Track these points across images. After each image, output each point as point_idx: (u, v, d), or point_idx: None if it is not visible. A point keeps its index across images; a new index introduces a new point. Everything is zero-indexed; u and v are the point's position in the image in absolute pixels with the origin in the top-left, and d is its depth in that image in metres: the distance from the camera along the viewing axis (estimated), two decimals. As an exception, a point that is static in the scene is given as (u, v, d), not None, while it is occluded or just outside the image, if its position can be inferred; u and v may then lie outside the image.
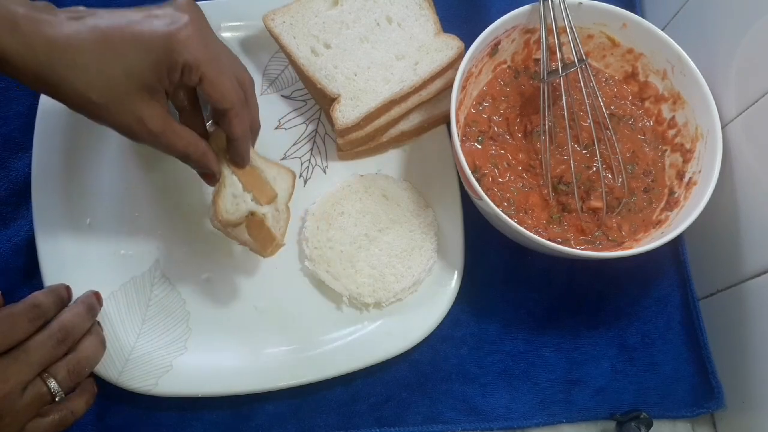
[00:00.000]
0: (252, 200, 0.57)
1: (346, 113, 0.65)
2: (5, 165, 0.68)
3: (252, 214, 0.57)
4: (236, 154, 0.55)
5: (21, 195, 0.67)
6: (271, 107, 0.70)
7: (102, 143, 0.66)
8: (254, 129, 0.57)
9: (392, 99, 0.66)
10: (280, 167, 0.60)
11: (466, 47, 0.62)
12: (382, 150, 0.69)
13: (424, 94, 0.67)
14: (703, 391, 0.64)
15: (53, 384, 0.50)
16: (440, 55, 0.67)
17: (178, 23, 0.48)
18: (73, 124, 0.66)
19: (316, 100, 0.70)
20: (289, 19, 0.69)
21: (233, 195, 0.56)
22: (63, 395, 0.51)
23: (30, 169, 0.65)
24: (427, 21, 0.69)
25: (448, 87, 0.66)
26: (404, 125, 0.68)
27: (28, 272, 0.64)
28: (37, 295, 0.53)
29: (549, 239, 0.60)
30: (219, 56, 0.51)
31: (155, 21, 0.48)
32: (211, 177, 0.56)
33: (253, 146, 0.58)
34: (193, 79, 0.50)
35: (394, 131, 0.68)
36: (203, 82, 0.50)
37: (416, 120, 0.68)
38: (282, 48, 0.68)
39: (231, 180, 0.56)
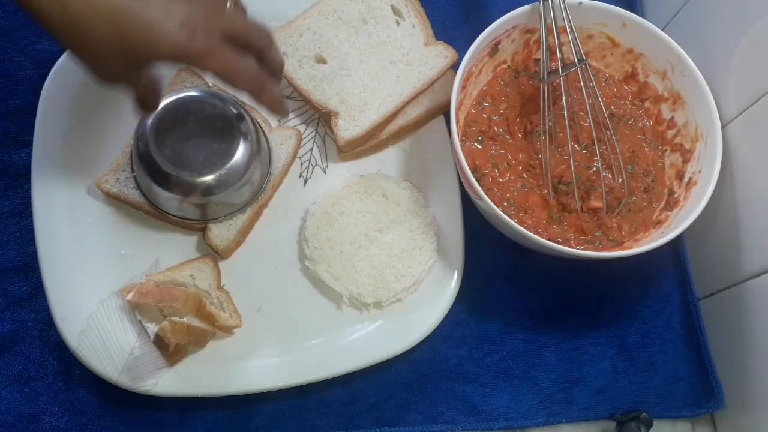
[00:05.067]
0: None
1: (348, 129, 0.66)
2: (2, 159, 0.68)
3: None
4: (273, 64, 0.56)
5: (16, 189, 0.67)
6: (270, 107, 0.70)
7: (103, 142, 0.66)
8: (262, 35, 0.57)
9: (393, 112, 0.67)
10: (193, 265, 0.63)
11: (467, 47, 0.63)
12: (382, 147, 0.69)
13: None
14: (703, 391, 0.64)
15: None
16: (436, 62, 0.69)
17: (196, 28, 0.49)
18: (74, 121, 0.66)
19: (316, 110, 0.70)
20: (285, 39, 0.69)
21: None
22: None
23: (26, 163, 0.65)
24: (420, 32, 0.70)
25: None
26: (402, 120, 0.68)
27: (24, 269, 0.64)
28: None
29: (549, 239, 0.60)
30: (224, 52, 0.51)
31: (171, 23, 0.48)
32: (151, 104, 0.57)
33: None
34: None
35: (393, 126, 0.68)
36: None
37: (414, 114, 0.68)
38: None
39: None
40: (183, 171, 0.59)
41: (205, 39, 0.49)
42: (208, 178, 0.60)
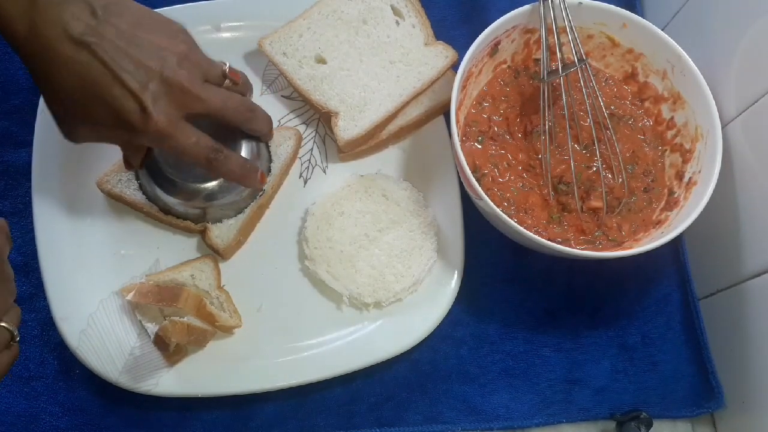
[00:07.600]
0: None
1: (348, 129, 0.66)
2: (2, 159, 0.68)
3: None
4: (257, 133, 0.61)
5: (16, 189, 0.67)
6: (270, 108, 0.69)
7: (103, 143, 0.66)
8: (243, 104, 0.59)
9: (393, 112, 0.67)
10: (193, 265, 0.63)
11: (467, 47, 0.63)
12: (382, 147, 0.69)
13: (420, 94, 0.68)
14: (703, 390, 0.64)
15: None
16: (436, 62, 0.68)
17: (151, 114, 0.49)
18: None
19: (316, 110, 0.70)
20: (285, 39, 0.69)
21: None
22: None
23: (26, 163, 0.65)
24: (420, 32, 0.70)
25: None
26: (402, 120, 0.68)
27: (24, 269, 0.64)
28: None
29: (549, 239, 0.60)
30: (177, 136, 0.52)
31: (130, 104, 0.49)
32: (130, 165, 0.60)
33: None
34: None
35: (393, 126, 0.68)
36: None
37: (414, 114, 0.68)
38: (281, 72, 0.68)
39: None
40: (187, 178, 0.60)
41: (158, 126, 0.50)
42: (211, 184, 0.60)
